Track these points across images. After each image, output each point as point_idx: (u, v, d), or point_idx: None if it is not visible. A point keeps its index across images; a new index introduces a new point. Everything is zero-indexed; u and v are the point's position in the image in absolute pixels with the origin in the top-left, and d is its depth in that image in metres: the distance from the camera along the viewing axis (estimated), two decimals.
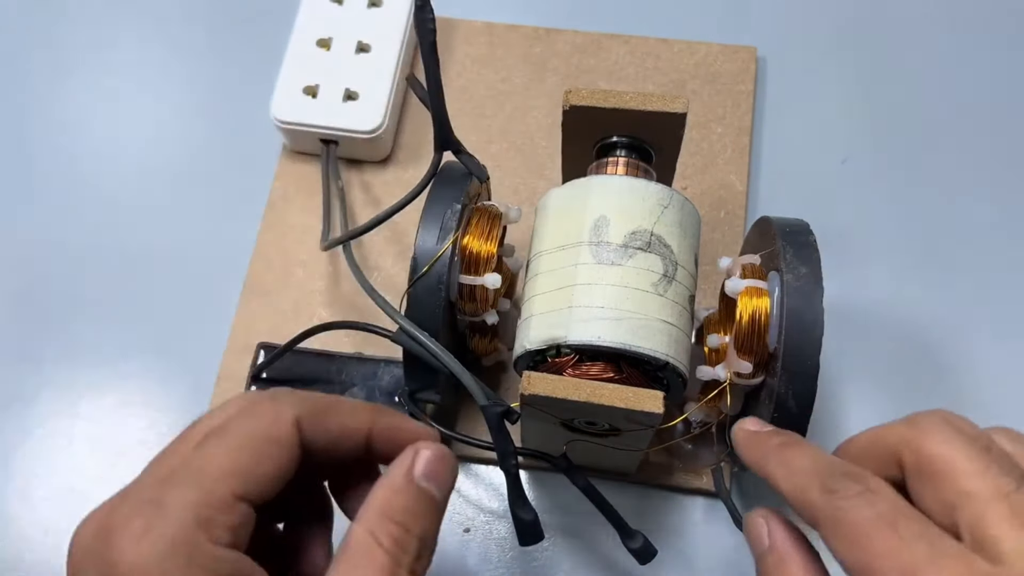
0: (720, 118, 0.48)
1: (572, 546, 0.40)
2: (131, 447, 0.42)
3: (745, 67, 0.50)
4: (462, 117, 0.49)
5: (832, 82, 0.50)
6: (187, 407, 0.43)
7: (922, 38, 0.52)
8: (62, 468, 0.42)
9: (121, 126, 0.50)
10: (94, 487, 0.42)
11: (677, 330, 0.33)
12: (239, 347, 0.43)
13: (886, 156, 0.48)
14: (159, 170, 0.49)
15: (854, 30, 0.52)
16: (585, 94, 0.35)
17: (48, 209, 0.48)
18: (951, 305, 0.45)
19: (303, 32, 0.48)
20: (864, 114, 0.50)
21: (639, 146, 0.36)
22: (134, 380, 0.44)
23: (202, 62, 0.52)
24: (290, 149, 0.48)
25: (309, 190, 0.47)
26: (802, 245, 0.34)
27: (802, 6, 0.53)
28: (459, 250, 0.35)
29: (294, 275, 0.45)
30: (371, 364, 0.39)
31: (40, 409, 0.43)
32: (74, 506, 0.40)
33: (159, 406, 0.43)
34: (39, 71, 0.52)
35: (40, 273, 0.46)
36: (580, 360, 0.33)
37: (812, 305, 0.32)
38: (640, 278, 0.33)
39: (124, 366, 0.44)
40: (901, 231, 0.47)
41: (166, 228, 0.47)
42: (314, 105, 0.46)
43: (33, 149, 0.50)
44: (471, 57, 0.50)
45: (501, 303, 0.38)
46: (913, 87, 0.50)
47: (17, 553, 0.40)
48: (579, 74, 0.50)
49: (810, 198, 0.47)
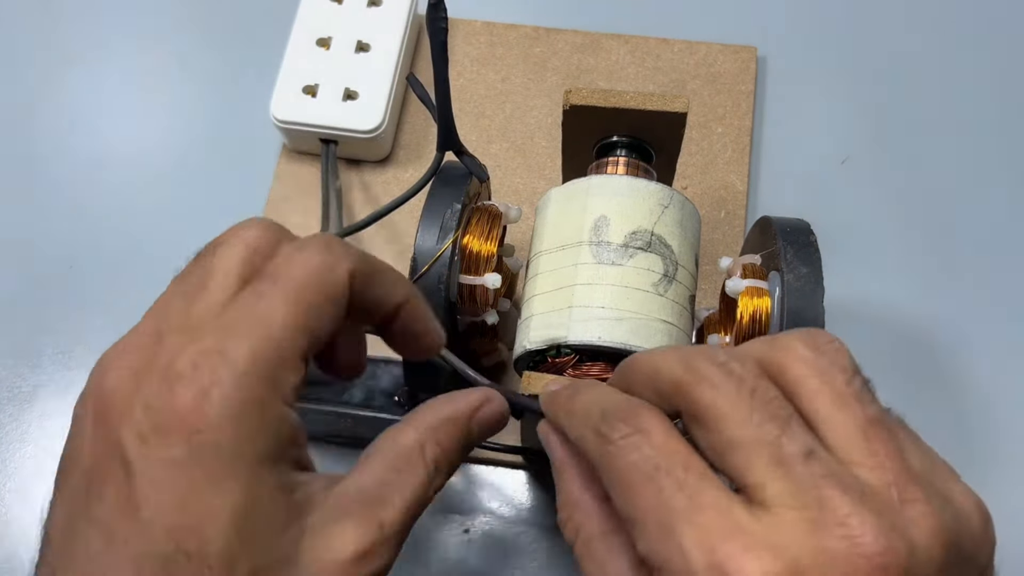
0: (720, 118, 0.48)
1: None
2: None
3: (745, 67, 0.49)
4: (462, 117, 0.49)
5: (832, 82, 0.50)
6: None
7: (922, 37, 0.51)
8: None
9: (120, 125, 0.50)
10: None
11: (678, 330, 0.33)
12: None
13: (886, 156, 0.48)
14: (158, 170, 0.49)
15: (854, 30, 0.52)
16: (585, 94, 0.35)
17: (47, 209, 0.48)
18: (951, 304, 0.45)
19: (302, 31, 0.48)
20: (864, 114, 0.49)
21: (639, 146, 0.36)
22: None
23: (201, 61, 0.52)
24: (290, 149, 0.48)
25: (309, 190, 0.47)
26: (803, 245, 0.34)
27: (802, 6, 0.53)
28: (459, 250, 0.35)
29: None
30: (371, 364, 0.39)
31: (39, 409, 0.43)
32: None
33: None
34: (38, 72, 0.52)
35: (39, 273, 0.46)
36: (580, 360, 0.33)
37: (813, 305, 0.32)
38: (640, 278, 0.33)
39: None
40: (901, 231, 0.47)
41: (166, 228, 0.47)
42: (314, 104, 0.46)
43: (32, 149, 0.50)
44: (471, 57, 0.50)
45: (501, 303, 0.38)
46: (913, 86, 0.50)
47: (17, 553, 0.40)
48: (579, 74, 0.50)
49: (810, 198, 0.47)
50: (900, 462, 0.21)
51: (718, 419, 0.22)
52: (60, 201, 0.48)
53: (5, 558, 0.40)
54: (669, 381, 0.24)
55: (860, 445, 0.22)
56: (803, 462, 0.21)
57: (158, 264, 0.46)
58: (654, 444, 0.22)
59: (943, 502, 0.21)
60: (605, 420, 0.24)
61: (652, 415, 0.23)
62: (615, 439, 0.23)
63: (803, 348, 0.23)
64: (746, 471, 0.22)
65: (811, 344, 0.23)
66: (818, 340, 0.23)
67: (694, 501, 0.21)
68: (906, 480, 0.21)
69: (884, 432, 0.22)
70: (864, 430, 0.22)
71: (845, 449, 0.22)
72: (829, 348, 0.23)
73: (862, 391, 0.23)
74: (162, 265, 0.46)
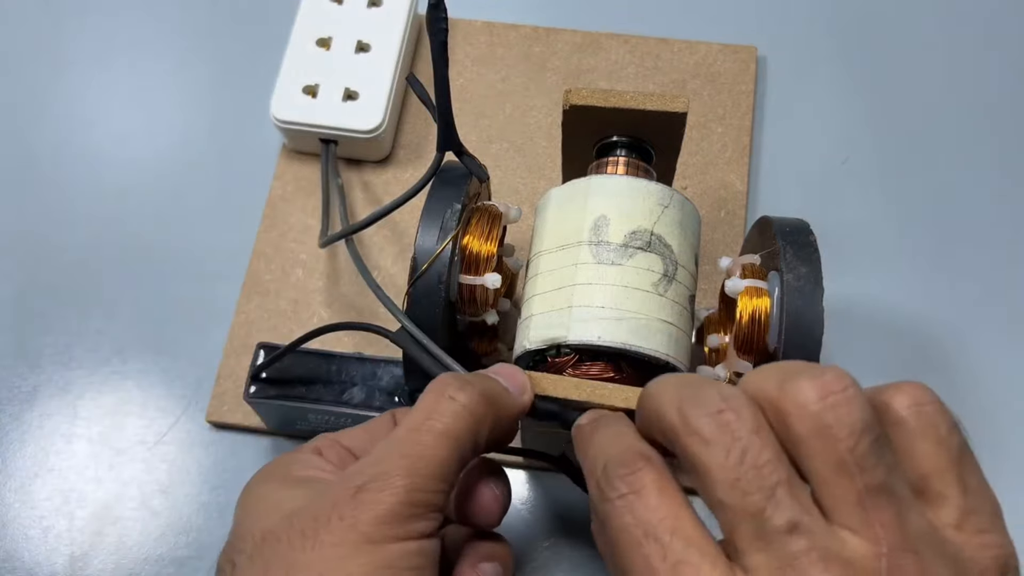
0: (720, 118, 0.48)
1: (572, 546, 0.40)
2: (130, 447, 0.42)
3: (745, 67, 0.49)
4: (462, 117, 0.49)
5: (832, 82, 0.50)
6: (187, 407, 0.43)
7: (922, 37, 0.52)
8: (61, 468, 0.42)
9: (121, 125, 0.50)
10: (93, 487, 0.42)
11: (677, 330, 0.33)
12: (238, 347, 0.43)
13: (886, 156, 0.48)
14: (159, 170, 0.49)
15: (855, 30, 0.52)
16: (585, 93, 0.35)
17: (47, 208, 0.48)
18: (952, 304, 0.45)
19: (303, 31, 0.48)
20: (864, 114, 0.50)
21: (639, 146, 0.36)
22: (133, 380, 0.44)
23: (202, 61, 0.52)
24: (290, 149, 0.48)
25: (309, 190, 0.47)
26: (802, 245, 0.34)
27: (802, 6, 0.53)
28: (459, 250, 0.35)
29: (294, 275, 0.45)
30: (371, 364, 0.39)
31: (39, 409, 0.43)
32: (74, 506, 0.41)
33: (159, 406, 0.43)
34: (38, 71, 0.52)
35: (39, 272, 0.46)
36: (580, 360, 0.33)
37: (812, 305, 0.32)
38: (640, 278, 0.33)
39: (123, 366, 0.44)
40: (901, 231, 0.47)
41: (166, 227, 0.47)
42: (314, 105, 0.46)
43: (32, 148, 0.50)
44: (471, 57, 0.50)
45: (501, 303, 0.38)
46: (913, 87, 0.50)
47: (17, 553, 0.40)
48: (579, 74, 0.50)
49: (810, 198, 0.47)
50: (897, 530, 0.21)
51: (706, 478, 0.22)
52: (60, 200, 0.48)
53: (5, 558, 0.40)
54: (667, 427, 0.24)
55: (855, 513, 0.21)
56: (786, 536, 0.21)
57: (158, 264, 0.47)
58: (647, 506, 0.23)
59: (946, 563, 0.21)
60: (605, 475, 0.24)
61: (648, 469, 0.23)
62: (612, 498, 0.23)
63: (810, 397, 0.22)
64: (731, 534, 0.22)
65: (821, 393, 0.22)
66: (829, 387, 0.22)
67: (676, 571, 0.21)
68: (901, 549, 0.21)
69: (884, 500, 0.21)
70: (861, 499, 0.21)
71: (839, 514, 0.21)
72: (840, 399, 0.22)
73: (866, 456, 0.21)
74: (163, 263, 0.47)
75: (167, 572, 0.40)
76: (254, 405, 0.39)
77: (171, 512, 0.41)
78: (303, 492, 0.28)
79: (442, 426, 0.27)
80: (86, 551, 0.40)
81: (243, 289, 0.45)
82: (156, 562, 0.40)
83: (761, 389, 0.23)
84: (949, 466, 0.23)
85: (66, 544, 0.40)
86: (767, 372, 0.23)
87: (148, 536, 0.41)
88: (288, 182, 0.47)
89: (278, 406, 0.39)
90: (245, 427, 0.42)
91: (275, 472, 0.30)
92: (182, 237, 0.47)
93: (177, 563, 0.40)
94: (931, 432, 0.23)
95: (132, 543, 0.41)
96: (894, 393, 0.23)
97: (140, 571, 0.40)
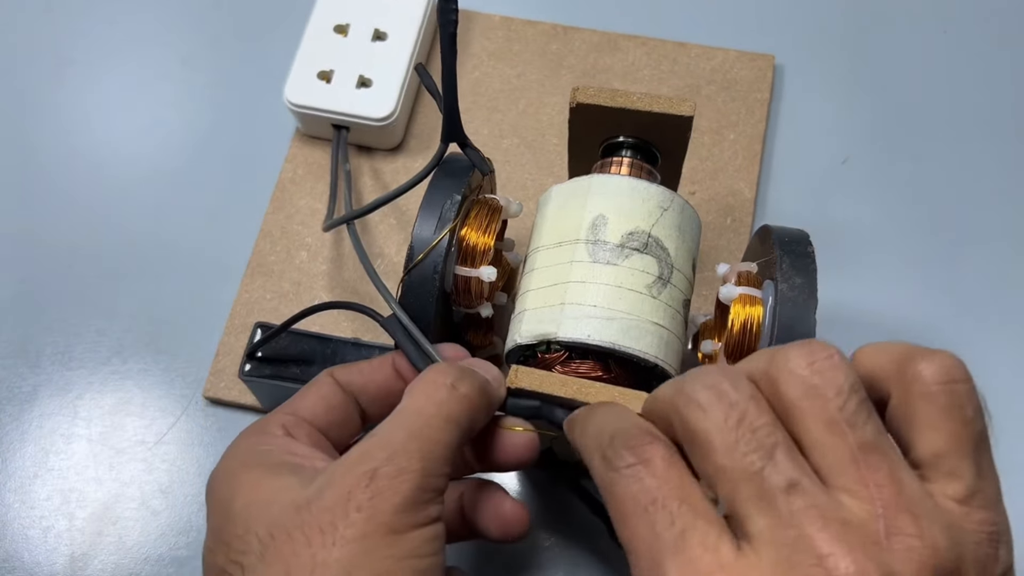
0: (734, 125, 0.48)
1: (572, 546, 0.40)
2: (130, 447, 0.42)
3: (762, 75, 0.49)
4: (475, 111, 0.49)
5: (847, 92, 0.50)
6: (187, 407, 0.43)
7: (940, 49, 0.51)
8: (61, 468, 0.42)
9: (135, 111, 0.50)
10: (93, 487, 0.41)
11: (668, 333, 0.33)
12: (239, 325, 0.44)
13: (898, 166, 0.48)
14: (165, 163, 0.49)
15: (873, 41, 0.51)
16: (592, 92, 0.35)
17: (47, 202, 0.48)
18: (954, 305, 0.44)
19: (321, 17, 0.48)
20: (875, 124, 0.49)
21: (645, 147, 0.36)
22: (133, 380, 0.44)
23: (220, 44, 0.52)
24: (303, 133, 0.48)
25: (319, 174, 0.47)
26: (800, 255, 0.34)
27: (821, 15, 0.52)
28: (456, 241, 0.35)
29: (298, 257, 0.46)
30: (366, 350, 0.39)
31: (39, 409, 0.43)
32: (74, 506, 0.41)
33: (159, 406, 0.43)
34: (43, 59, 0.52)
35: (39, 272, 0.46)
36: (570, 357, 0.33)
37: (805, 316, 0.32)
38: (634, 279, 0.33)
39: (123, 366, 0.44)
40: (912, 238, 0.46)
41: (167, 225, 0.47)
42: (327, 90, 0.46)
43: (38, 135, 0.49)
44: (487, 51, 0.51)
45: (498, 297, 0.38)
46: (928, 98, 0.49)
47: (17, 553, 0.40)
48: (595, 73, 0.50)
49: (820, 206, 0.47)
50: (892, 490, 0.21)
51: (705, 445, 0.23)
52: (60, 200, 0.48)
53: (5, 558, 0.40)
54: (664, 402, 0.24)
55: (850, 472, 0.21)
56: (785, 495, 0.21)
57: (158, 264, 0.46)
58: (655, 475, 0.23)
59: (942, 528, 0.21)
60: (612, 446, 0.24)
61: (656, 443, 0.24)
62: (619, 467, 0.24)
63: (798, 364, 0.23)
64: (733, 501, 0.22)
65: (807, 359, 0.23)
66: (815, 355, 0.23)
67: (683, 537, 0.22)
68: (897, 509, 0.21)
69: (876, 458, 0.22)
70: (855, 456, 0.21)
71: (835, 475, 0.22)
72: (825, 364, 0.23)
73: (856, 413, 0.22)
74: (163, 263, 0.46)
75: (167, 572, 0.40)
76: (249, 383, 0.39)
77: (171, 512, 0.41)
78: (297, 480, 0.27)
79: (449, 412, 0.27)
80: (86, 551, 0.40)
81: (247, 268, 0.45)
82: (156, 562, 0.40)
83: (754, 365, 0.24)
84: (968, 450, 0.23)
85: (66, 544, 0.40)
86: (760, 353, 0.25)
87: (148, 536, 0.41)
88: (299, 165, 0.48)
89: (272, 385, 0.39)
90: (241, 404, 0.43)
91: (251, 457, 0.29)
92: (185, 234, 0.47)
93: (177, 563, 0.40)
94: (958, 414, 0.23)
95: (132, 543, 0.40)
96: (927, 363, 0.23)
97: (140, 571, 0.40)
